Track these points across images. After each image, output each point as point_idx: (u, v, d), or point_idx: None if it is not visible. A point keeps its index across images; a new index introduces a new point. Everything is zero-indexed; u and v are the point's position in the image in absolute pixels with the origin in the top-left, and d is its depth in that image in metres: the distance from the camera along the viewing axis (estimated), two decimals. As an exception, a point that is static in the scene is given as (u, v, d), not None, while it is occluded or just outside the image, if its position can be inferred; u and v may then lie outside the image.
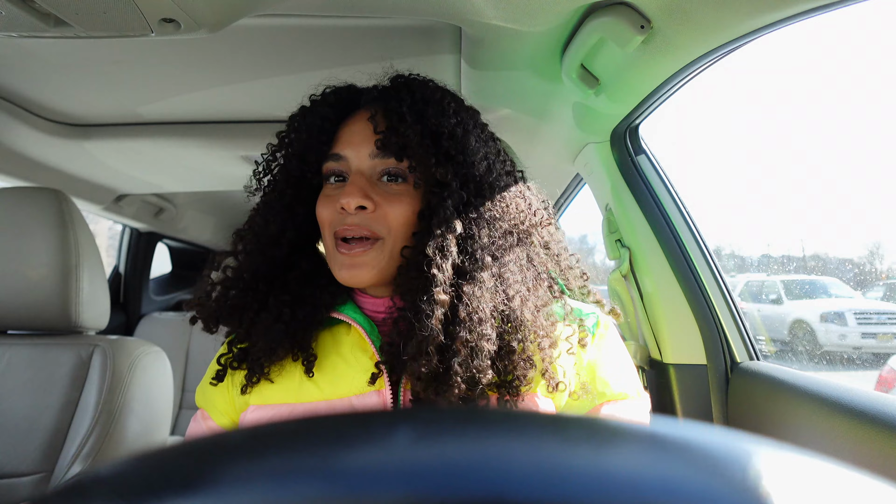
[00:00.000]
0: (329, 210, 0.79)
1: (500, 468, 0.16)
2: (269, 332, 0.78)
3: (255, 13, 0.97)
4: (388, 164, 0.78)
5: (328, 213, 0.79)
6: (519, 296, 0.72)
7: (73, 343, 1.27)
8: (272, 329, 0.78)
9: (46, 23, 0.86)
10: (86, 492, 0.17)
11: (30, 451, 1.18)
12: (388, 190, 0.78)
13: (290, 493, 0.16)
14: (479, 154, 0.78)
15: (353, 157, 0.79)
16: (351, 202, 0.74)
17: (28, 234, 1.25)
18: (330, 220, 0.78)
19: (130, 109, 1.52)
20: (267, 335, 0.77)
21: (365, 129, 0.79)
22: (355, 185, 0.76)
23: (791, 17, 0.82)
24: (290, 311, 0.79)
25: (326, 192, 0.81)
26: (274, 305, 0.80)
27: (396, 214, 0.76)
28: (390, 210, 0.76)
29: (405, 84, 0.82)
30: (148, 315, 2.92)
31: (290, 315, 0.79)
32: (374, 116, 0.78)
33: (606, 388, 0.78)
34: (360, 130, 0.80)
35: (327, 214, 0.79)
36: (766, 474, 0.18)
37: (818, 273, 3.36)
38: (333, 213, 0.78)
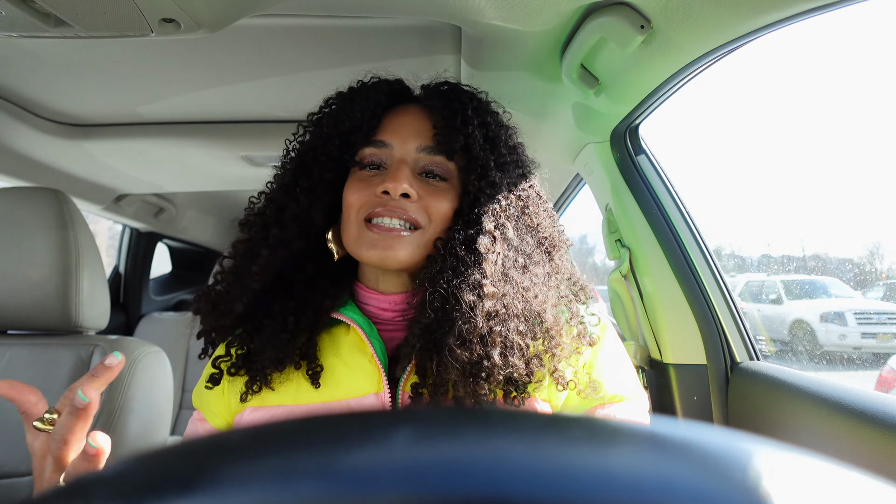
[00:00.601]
0: (363, 194, 0.77)
1: (500, 468, 0.17)
2: (274, 341, 0.76)
3: (255, 13, 0.97)
4: (435, 160, 0.78)
5: (361, 196, 0.77)
6: (542, 295, 0.74)
7: (73, 343, 1.27)
8: (278, 339, 0.76)
9: (46, 23, 0.86)
10: (86, 492, 0.17)
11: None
12: (430, 185, 0.78)
13: (291, 494, 0.16)
14: (528, 168, 0.84)
15: (399, 146, 0.79)
16: (398, 187, 0.73)
17: (28, 234, 1.25)
18: (362, 203, 0.77)
19: (130, 109, 1.52)
20: (273, 345, 0.75)
21: (415, 121, 0.80)
22: (402, 171, 0.75)
23: (791, 17, 0.82)
24: (295, 318, 0.77)
25: (360, 176, 0.80)
26: (279, 312, 0.78)
27: (439, 208, 0.76)
28: (432, 203, 0.76)
29: (461, 90, 0.83)
30: (148, 315, 2.92)
31: (295, 323, 0.77)
32: (434, 111, 0.79)
33: (604, 389, 0.77)
34: (410, 122, 0.80)
35: (360, 198, 0.77)
36: (767, 474, 0.18)
37: (818, 273, 3.36)
38: (369, 196, 0.76)
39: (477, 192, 0.77)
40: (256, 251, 0.79)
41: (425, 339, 0.71)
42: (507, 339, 0.70)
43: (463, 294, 0.69)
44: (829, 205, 4.38)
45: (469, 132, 0.77)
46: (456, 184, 0.80)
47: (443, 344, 0.68)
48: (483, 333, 0.69)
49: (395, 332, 0.80)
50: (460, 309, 0.69)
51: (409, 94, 0.88)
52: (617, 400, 0.77)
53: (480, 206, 0.75)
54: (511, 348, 0.70)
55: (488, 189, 0.76)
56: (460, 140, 0.77)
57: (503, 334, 0.69)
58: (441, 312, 0.70)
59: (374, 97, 0.81)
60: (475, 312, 0.68)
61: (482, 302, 0.69)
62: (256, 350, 0.77)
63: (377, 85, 0.84)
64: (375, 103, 0.81)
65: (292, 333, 0.76)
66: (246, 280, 0.78)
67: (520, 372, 0.70)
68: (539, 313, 0.73)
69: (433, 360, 0.69)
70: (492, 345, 0.69)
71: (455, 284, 0.70)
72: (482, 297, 0.69)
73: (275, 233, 0.79)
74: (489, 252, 0.72)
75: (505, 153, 0.80)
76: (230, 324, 0.80)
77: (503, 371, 0.69)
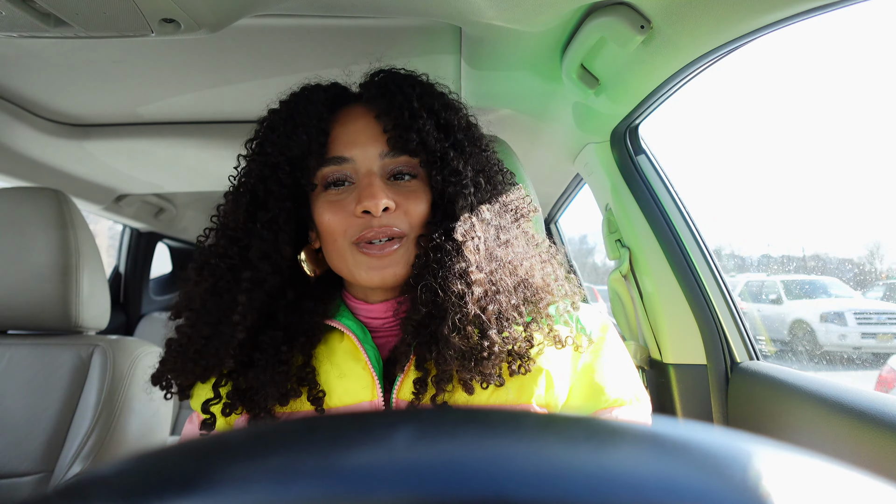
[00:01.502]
0: (341, 217, 0.74)
1: (500, 468, 0.17)
2: (274, 377, 0.72)
3: (255, 13, 0.97)
4: (400, 161, 0.76)
5: (341, 220, 0.74)
6: (528, 262, 0.75)
7: (73, 343, 1.27)
8: (276, 373, 0.72)
9: (47, 23, 0.86)
10: (86, 491, 0.17)
11: (30, 451, 1.18)
12: (403, 188, 0.76)
13: (290, 494, 0.16)
14: (484, 142, 0.82)
15: (362, 158, 0.75)
16: (378, 203, 0.71)
17: (28, 234, 1.25)
18: (345, 227, 0.74)
19: (130, 109, 1.52)
20: (274, 381, 0.72)
21: (368, 127, 0.76)
22: (376, 185, 0.72)
23: (791, 18, 0.82)
24: (287, 347, 0.74)
25: (328, 198, 0.76)
26: (269, 345, 0.74)
27: (417, 211, 0.75)
28: (411, 207, 0.75)
29: (402, 78, 0.79)
30: (148, 315, 2.92)
31: (288, 353, 0.74)
32: (381, 115, 0.76)
33: (605, 393, 0.76)
34: (362, 129, 0.76)
35: (339, 222, 0.74)
36: (767, 474, 0.18)
37: (818, 273, 3.36)
38: (347, 218, 0.74)
39: (443, 182, 0.75)
40: (231, 297, 0.74)
41: (421, 335, 0.70)
42: (501, 314, 0.70)
43: (451, 284, 0.69)
44: (829, 204, 4.38)
45: (420, 126, 0.74)
46: (425, 177, 0.77)
47: (438, 336, 0.68)
48: (477, 317, 0.69)
49: (389, 337, 0.79)
50: (450, 300, 0.69)
51: (347, 96, 0.83)
52: (618, 404, 0.76)
53: (450, 195, 0.74)
54: (507, 321, 0.71)
55: (453, 177, 0.75)
56: (413, 137, 0.74)
57: (496, 311, 0.70)
58: (432, 305, 0.70)
59: (315, 112, 0.76)
60: (465, 300, 0.69)
61: (471, 289, 0.69)
62: (255, 388, 0.74)
63: (313, 95, 0.79)
64: (318, 118, 0.76)
65: (288, 364, 0.74)
66: (227, 330, 0.73)
67: (519, 343, 0.71)
68: (526, 279, 0.74)
69: (432, 352, 0.69)
70: (487, 325, 0.69)
71: (441, 276, 0.70)
72: (470, 284, 0.69)
73: (247, 275, 0.74)
74: (469, 238, 0.72)
75: (461, 137, 0.78)
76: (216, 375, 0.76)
77: (504, 346, 0.70)
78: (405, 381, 0.73)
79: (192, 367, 0.74)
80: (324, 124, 0.76)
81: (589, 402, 0.76)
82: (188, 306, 0.77)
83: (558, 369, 0.75)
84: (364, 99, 0.79)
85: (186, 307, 0.78)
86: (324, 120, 0.77)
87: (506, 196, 0.81)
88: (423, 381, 0.71)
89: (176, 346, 0.76)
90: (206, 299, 0.75)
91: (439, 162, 0.75)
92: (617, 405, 0.76)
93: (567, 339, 0.74)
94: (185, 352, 0.75)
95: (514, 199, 0.82)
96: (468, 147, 0.78)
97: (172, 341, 0.77)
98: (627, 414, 0.77)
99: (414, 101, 0.75)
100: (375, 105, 0.77)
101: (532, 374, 0.72)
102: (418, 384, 0.71)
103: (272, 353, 0.74)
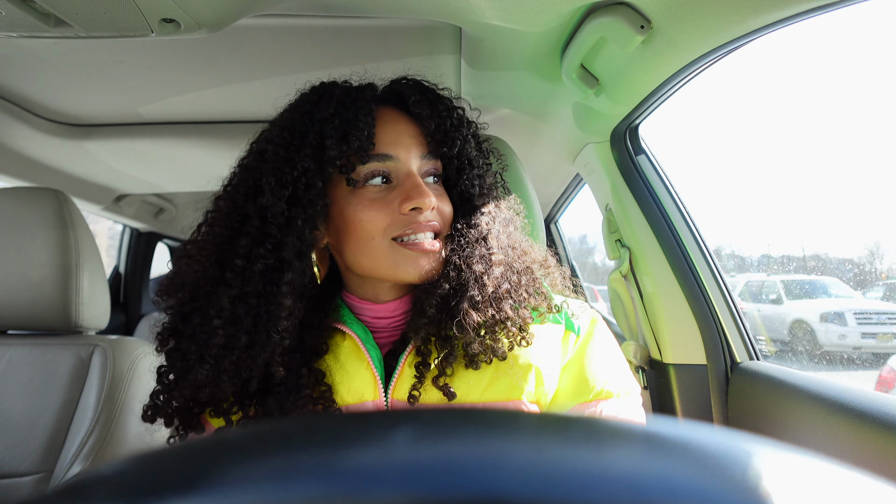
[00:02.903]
0: (384, 213, 0.74)
1: (499, 468, 0.17)
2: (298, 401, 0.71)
3: (255, 13, 0.97)
4: (436, 165, 0.81)
5: (383, 216, 0.74)
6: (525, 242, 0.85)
7: (73, 343, 1.27)
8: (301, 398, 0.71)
9: (47, 23, 0.86)
10: (86, 491, 0.17)
11: (30, 451, 1.18)
12: (436, 189, 0.81)
13: (291, 493, 0.16)
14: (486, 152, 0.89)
15: (405, 157, 0.77)
16: (430, 202, 0.74)
17: (28, 234, 1.25)
18: (386, 223, 0.74)
19: (130, 109, 1.52)
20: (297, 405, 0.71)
21: (408, 129, 0.79)
22: (423, 185, 0.76)
23: (791, 18, 0.82)
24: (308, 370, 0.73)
25: (369, 195, 0.75)
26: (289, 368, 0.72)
27: (447, 210, 0.80)
28: (444, 207, 0.80)
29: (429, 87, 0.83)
30: (148, 315, 2.92)
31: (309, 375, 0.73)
32: (425, 119, 0.79)
33: (592, 386, 0.77)
34: (404, 130, 0.78)
35: (382, 218, 0.74)
36: (767, 474, 0.18)
37: (818, 273, 3.36)
38: (391, 214, 0.74)
39: (468, 185, 0.82)
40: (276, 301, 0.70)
41: (440, 310, 0.74)
42: (512, 291, 0.77)
43: (473, 264, 0.75)
44: (829, 205, 4.38)
45: (462, 135, 0.81)
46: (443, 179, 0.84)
47: (458, 310, 0.73)
48: (491, 294, 0.75)
49: (391, 337, 0.80)
50: (472, 277, 0.74)
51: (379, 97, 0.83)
52: (604, 397, 0.77)
53: (471, 195, 0.82)
54: (518, 302, 0.77)
55: (477, 180, 0.83)
56: (457, 143, 0.80)
57: (508, 289, 0.77)
58: (456, 282, 0.75)
59: (364, 109, 0.75)
60: (485, 280, 0.75)
61: (491, 269, 0.76)
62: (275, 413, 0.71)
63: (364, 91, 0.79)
64: (367, 113, 0.75)
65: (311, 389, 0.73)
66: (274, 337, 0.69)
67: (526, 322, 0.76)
68: (525, 253, 0.83)
69: (447, 325, 0.73)
70: (503, 298, 0.76)
71: (466, 257, 0.76)
72: (490, 265, 0.76)
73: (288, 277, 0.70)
74: (491, 229, 0.80)
75: (474, 145, 0.85)
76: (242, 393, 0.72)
77: (516, 322, 0.75)
78: (404, 369, 0.74)
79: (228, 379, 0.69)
80: (371, 121, 0.75)
81: (576, 394, 0.77)
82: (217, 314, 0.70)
83: (547, 365, 0.76)
84: (411, 103, 0.79)
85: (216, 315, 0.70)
86: (371, 115, 0.75)
87: (504, 198, 0.89)
88: (423, 364, 0.74)
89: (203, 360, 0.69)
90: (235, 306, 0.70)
91: (467, 166, 0.82)
92: (603, 397, 0.77)
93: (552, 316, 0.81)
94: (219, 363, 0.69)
95: (510, 199, 0.90)
96: (478, 156, 0.85)
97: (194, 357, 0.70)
98: (615, 407, 0.77)
99: (454, 110, 0.82)
100: (421, 109, 0.79)
101: (522, 370, 0.74)
102: (419, 368, 0.74)
103: (294, 377, 0.71)
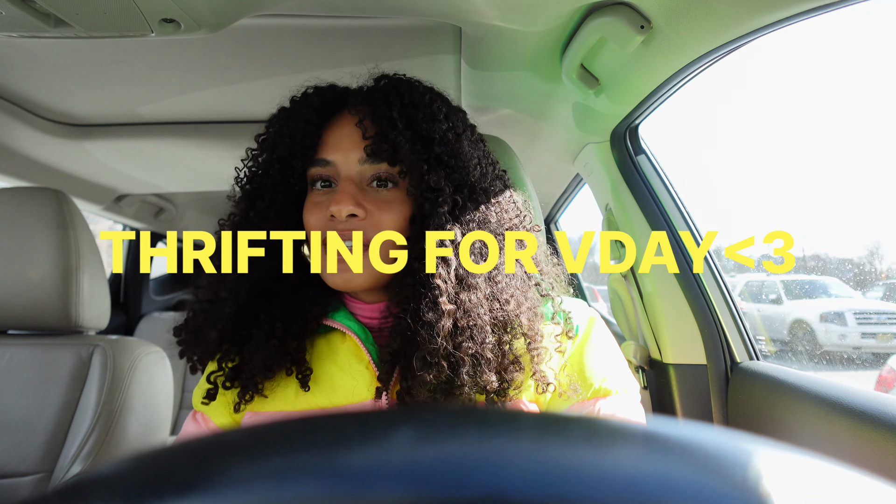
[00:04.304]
0: (317, 217, 0.76)
1: (500, 467, 0.17)
2: (262, 349, 0.75)
3: (255, 13, 0.97)
4: (379, 169, 0.75)
5: (316, 220, 0.76)
6: (514, 300, 0.71)
7: (73, 343, 1.27)
8: (265, 346, 0.75)
9: (47, 23, 0.86)
10: (86, 492, 0.17)
11: (30, 451, 1.18)
12: (379, 196, 0.76)
13: (291, 494, 0.16)
14: (472, 159, 0.78)
15: (342, 162, 0.76)
16: (342, 210, 0.72)
17: (28, 234, 1.25)
18: (316, 226, 0.76)
19: (130, 109, 1.52)
20: (261, 352, 0.75)
21: (353, 133, 0.76)
22: (345, 192, 0.73)
23: (791, 18, 0.82)
24: (282, 324, 0.77)
25: (314, 198, 0.78)
26: (266, 321, 0.77)
27: (389, 221, 0.74)
28: (382, 217, 0.74)
29: (393, 86, 0.79)
30: (148, 315, 2.92)
31: (283, 329, 0.76)
32: (363, 121, 0.75)
33: (590, 384, 0.76)
34: (347, 134, 0.77)
35: (315, 221, 0.76)
36: (767, 474, 0.18)
37: (818, 273, 3.36)
38: (322, 219, 0.76)
39: (419, 198, 0.74)
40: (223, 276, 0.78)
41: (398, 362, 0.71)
42: (477, 355, 0.67)
43: (422, 314, 0.67)
44: (829, 204, 4.38)
45: (394, 137, 0.73)
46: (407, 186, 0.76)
47: (411, 366, 0.67)
48: (448, 352, 0.67)
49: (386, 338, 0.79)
50: (421, 331, 0.67)
51: (343, 101, 0.82)
52: (602, 394, 0.76)
53: (426, 212, 0.73)
54: (480, 365, 0.67)
55: (429, 193, 0.73)
56: (386, 147, 0.73)
57: (471, 350, 0.67)
58: (408, 334, 0.69)
59: (306, 114, 0.78)
60: (435, 332, 0.66)
61: (441, 321, 0.66)
62: (245, 359, 0.77)
63: (309, 98, 0.80)
64: (307, 121, 0.78)
65: (280, 340, 0.76)
66: (219, 306, 0.77)
67: (492, 386, 0.68)
68: (512, 319, 0.70)
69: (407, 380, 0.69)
70: (461, 363, 0.66)
71: (414, 304, 0.68)
72: (441, 315, 0.66)
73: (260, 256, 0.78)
74: (439, 265, 0.68)
75: (440, 151, 0.74)
76: (212, 348, 0.79)
77: (473, 388, 0.67)
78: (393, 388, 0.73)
79: (193, 339, 0.79)
80: (311, 128, 0.78)
81: (570, 398, 0.75)
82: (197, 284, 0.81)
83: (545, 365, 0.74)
84: (350, 105, 0.79)
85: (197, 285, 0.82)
86: (312, 124, 0.78)
87: (496, 216, 0.77)
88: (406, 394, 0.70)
89: (182, 324, 0.81)
90: (209, 277, 0.80)
91: (414, 173, 0.74)
92: (602, 395, 0.76)
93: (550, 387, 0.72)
94: (187, 326, 0.80)
95: (510, 220, 0.78)
96: (450, 161, 0.75)
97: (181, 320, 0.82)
98: (613, 404, 0.76)
99: (394, 110, 0.74)
100: (359, 111, 0.77)
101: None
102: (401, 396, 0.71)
103: (267, 328, 0.77)
